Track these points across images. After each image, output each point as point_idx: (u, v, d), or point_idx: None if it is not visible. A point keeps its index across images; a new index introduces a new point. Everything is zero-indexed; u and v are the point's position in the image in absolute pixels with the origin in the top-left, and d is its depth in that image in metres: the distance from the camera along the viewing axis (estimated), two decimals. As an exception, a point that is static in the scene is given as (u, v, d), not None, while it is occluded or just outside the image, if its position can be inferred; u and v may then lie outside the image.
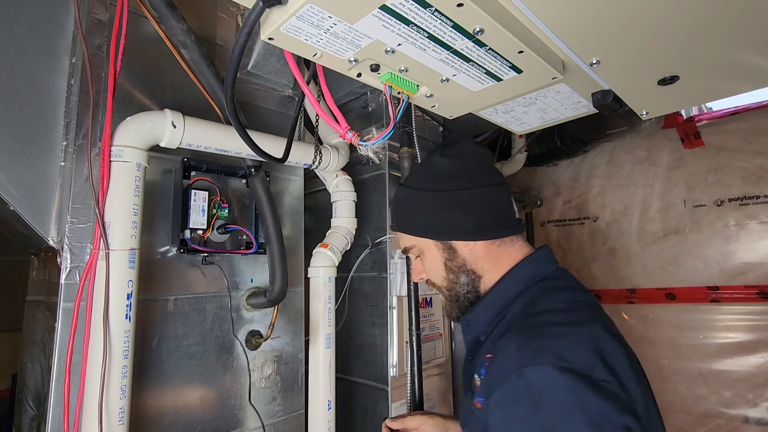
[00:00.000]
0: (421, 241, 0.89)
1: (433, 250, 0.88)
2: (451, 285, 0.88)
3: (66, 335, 0.83)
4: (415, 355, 1.18)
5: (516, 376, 0.65)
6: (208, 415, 1.06)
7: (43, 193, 0.89)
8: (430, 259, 0.89)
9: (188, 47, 0.98)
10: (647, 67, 0.75)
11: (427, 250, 0.89)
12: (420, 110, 1.50)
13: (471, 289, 0.87)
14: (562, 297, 0.80)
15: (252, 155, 1.04)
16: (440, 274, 0.89)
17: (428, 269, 0.91)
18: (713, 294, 1.67)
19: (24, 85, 0.88)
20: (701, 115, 1.76)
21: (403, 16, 0.59)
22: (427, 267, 0.91)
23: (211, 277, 1.10)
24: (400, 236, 0.93)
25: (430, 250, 0.89)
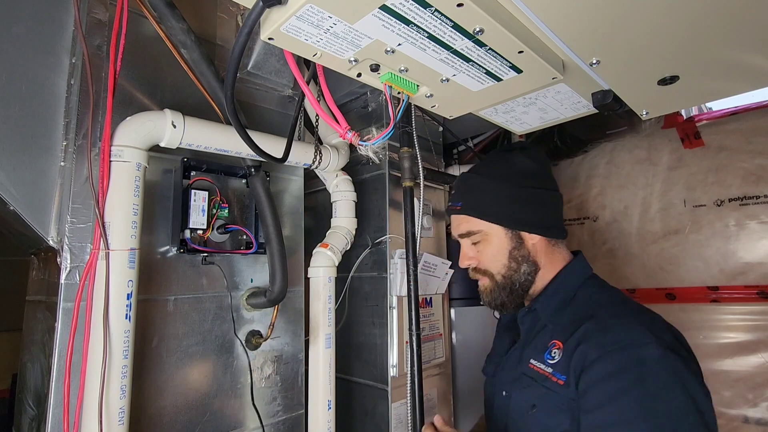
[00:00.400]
0: (490, 227, 0.95)
1: (501, 238, 0.94)
2: (509, 273, 0.94)
3: (66, 335, 0.83)
4: (415, 355, 1.18)
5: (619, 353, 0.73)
6: (208, 415, 1.06)
7: (43, 193, 0.89)
8: (495, 246, 0.94)
9: (188, 47, 0.98)
10: (647, 67, 0.75)
11: (493, 237, 0.95)
12: (420, 110, 1.50)
13: (529, 279, 0.95)
14: (615, 292, 0.92)
15: (252, 155, 1.04)
16: (501, 261, 0.94)
17: (488, 256, 0.96)
18: (713, 294, 1.67)
19: (24, 85, 0.88)
20: (701, 115, 1.76)
21: (403, 16, 0.59)
22: (488, 254, 0.96)
23: (211, 277, 1.10)
24: (464, 219, 0.97)
25: (497, 238, 0.95)
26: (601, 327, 0.80)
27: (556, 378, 0.82)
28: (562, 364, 0.82)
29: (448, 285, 1.58)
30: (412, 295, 1.19)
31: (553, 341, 0.87)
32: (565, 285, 0.94)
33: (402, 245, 1.39)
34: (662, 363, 0.71)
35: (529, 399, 0.86)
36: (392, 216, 1.44)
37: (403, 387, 1.38)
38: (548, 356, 0.86)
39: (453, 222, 1.02)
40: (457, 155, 2.10)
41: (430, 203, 1.62)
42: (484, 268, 0.97)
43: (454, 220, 1.02)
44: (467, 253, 0.99)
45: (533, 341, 0.92)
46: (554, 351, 0.85)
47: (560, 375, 0.81)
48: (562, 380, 0.80)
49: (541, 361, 0.87)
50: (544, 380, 0.84)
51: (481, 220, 0.95)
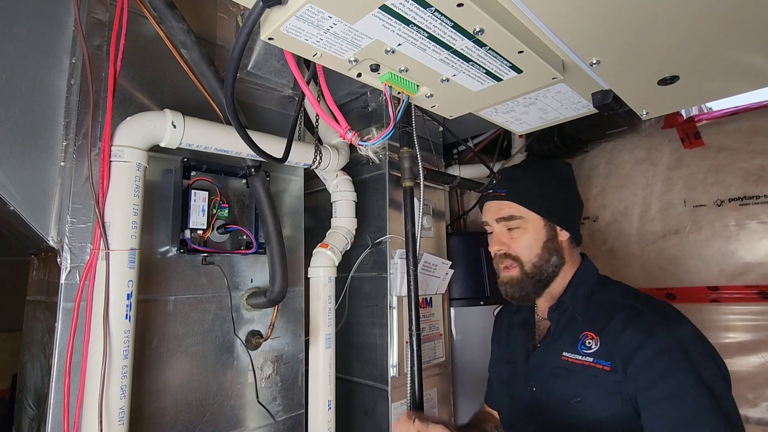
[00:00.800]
0: (530, 216, 1.01)
1: (538, 227, 1.01)
2: (540, 262, 1.00)
3: (66, 335, 0.83)
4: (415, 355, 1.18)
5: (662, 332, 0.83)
6: (208, 415, 1.06)
7: (43, 193, 0.89)
8: (532, 234, 1.00)
9: (188, 47, 0.98)
10: (647, 67, 0.75)
11: (532, 226, 1.01)
12: (420, 110, 1.50)
13: (555, 271, 1.02)
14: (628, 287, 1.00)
15: (252, 155, 1.04)
16: (535, 251, 1.00)
17: (523, 243, 1.01)
18: (713, 294, 1.67)
19: (24, 85, 0.88)
20: (701, 115, 1.75)
21: (403, 16, 0.59)
22: (523, 241, 1.01)
23: (211, 277, 1.10)
24: (507, 205, 1.03)
25: (535, 226, 1.01)
26: (637, 314, 0.88)
27: (600, 365, 0.88)
28: (603, 351, 0.89)
29: (448, 285, 1.58)
30: (412, 295, 1.19)
31: (585, 333, 0.93)
32: (586, 281, 1.01)
33: (402, 245, 1.39)
34: (697, 338, 0.84)
35: (570, 389, 0.91)
36: (392, 216, 1.44)
37: (403, 387, 1.38)
38: (582, 347, 0.92)
39: (491, 207, 1.06)
40: (457, 155, 2.10)
41: (430, 203, 1.62)
42: (516, 254, 1.01)
43: (493, 206, 1.06)
44: (500, 238, 1.04)
45: (562, 335, 0.97)
46: (588, 341, 0.92)
47: (604, 362, 0.88)
48: (608, 366, 0.87)
49: (575, 352, 0.93)
50: (585, 369, 0.90)
51: (524, 207, 1.01)
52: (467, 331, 1.68)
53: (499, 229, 1.04)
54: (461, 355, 1.67)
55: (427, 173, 1.36)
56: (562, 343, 0.97)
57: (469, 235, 1.83)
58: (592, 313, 0.96)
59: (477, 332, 1.68)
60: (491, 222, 1.06)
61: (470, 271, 1.71)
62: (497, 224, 1.04)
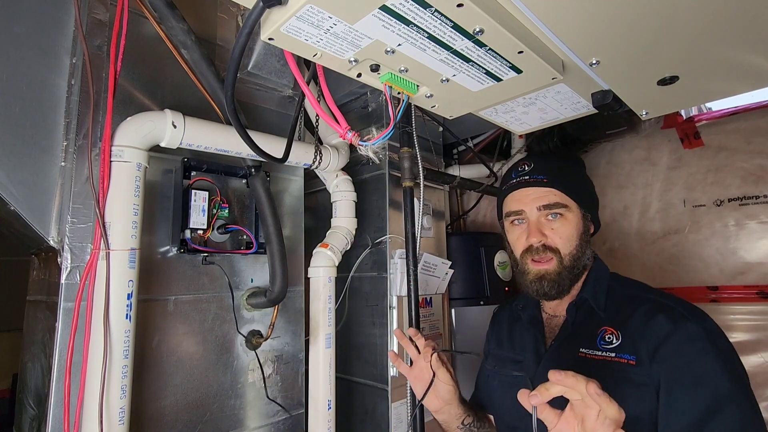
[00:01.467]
0: (572, 205, 0.97)
1: (578, 217, 0.98)
2: (578, 253, 0.97)
3: (66, 335, 0.83)
4: (415, 355, 1.18)
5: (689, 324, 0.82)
6: (209, 415, 1.07)
7: (44, 193, 0.89)
8: (574, 225, 0.97)
9: (188, 47, 0.99)
10: (647, 67, 0.75)
11: (573, 216, 0.97)
12: (420, 110, 1.50)
13: (587, 262, 0.99)
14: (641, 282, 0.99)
15: (252, 155, 1.04)
16: (575, 242, 0.97)
17: (565, 233, 0.97)
18: (713, 294, 1.67)
19: (24, 85, 0.88)
20: (701, 115, 1.76)
21: (403, 17, 0.59)
22: (565, 230, 0.97)
23: (211, 277, 1.10)
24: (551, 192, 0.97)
25: (575, 216, 0.98)
26: (662, 306, 0.87)
27: (624, 359, 0.86)
28: (626, 345, 0.87)
29: (448, 285, 1.59)
30: (412, 295, 1.19)
31: (603, 328, 0.91)
32: (602, 277, 1.00)
33: (402, 245, 1.39)
34: (721, 332, 0.83)
35: None
36: (392, 216, 1.44)
37: (403, 387, 1.38)
38: (602, 342, 0.90)
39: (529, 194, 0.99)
40: (457, 155, 2.11)
41: (430, 203, 1.62)
42: (555, 246, 0.96)
43: (532, 192, 0.98)
44: (541, 228, 0.97)
45: (579, 331, 0.95)
46: (608, 336, 0.90)
47: (628, 356, 0.86)
48: (633, 360, 0.85)
49: (593, 348, 0.90)
50: (606, 365, 0.87)
51: (567, 196, 0.97)
52: (467, 331, 1.68)
53: (537, 218, 0.97)
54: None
55: (427, 173, 1.36)
56: (579, 340, 0.94)
57: (469, 235, 1.83)
58: (610, 309, 0.94)
59: (477, 332, 1.68)
60: (529, 210, 0.98)
61: (470, 271, 1.71)
62: (537, 212, 0.97)
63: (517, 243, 1.01)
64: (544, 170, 0.99)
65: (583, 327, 0.95)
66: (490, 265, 1.73)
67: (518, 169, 1.03)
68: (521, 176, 1.01)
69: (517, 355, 1.07)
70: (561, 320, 1.02)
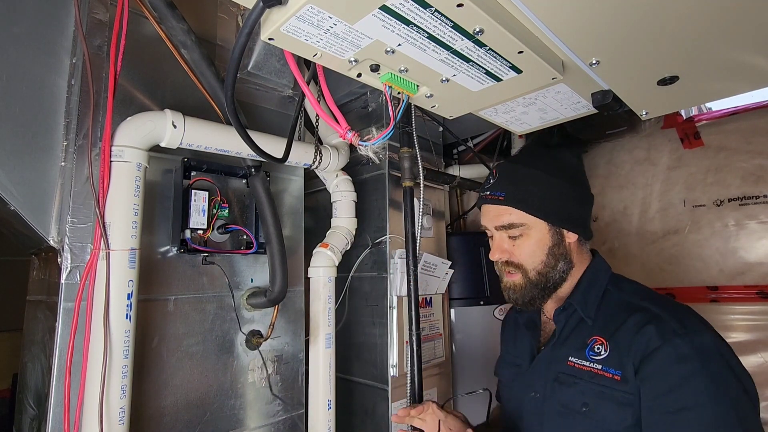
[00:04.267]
0: (533, 222, 0.92)
1: (543, 233, 0.92)
2: (545, 269, 0.92)
3: (66, 335, 0.83)
4: (415, 354, 1.18)
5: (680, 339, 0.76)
6: (209, 415, 1.06)
7: (44, 193, 0.89)
8: (536, 241, 0.92)
9: (188, 47, 0.99)
10: (647, 67, 0.75)
11: (535, 232, 0.92)
12: (420, 110, 1.50)
13: (562, 276, 0.94)
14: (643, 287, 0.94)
15: (252, 155, 1.04)
16: (539, 257, 0.92)
17: (526, 250, 0.93)
18: (713, 294, 1.67)
19: (24, 85, 0.88)
20: (701, 115, 1.76)
21: (403, 17, 0.59)
22: (526, 248, 0.93)
23: (211, 277, 1.10)
24: (506, 211, 0.93)
25: (539, 232, 0.92)
26: (653, 318, 0.81)
27: (610, 374, 0.82)
28: (612, 358, 0.83)
29: (448, 285, 1.59)
30: (412, 295, 1.19)
31: (594, 337, 0.87)
32: (596, 282, 0.94)
33: (402, 245, 1.39)
34: (717, 349, 0.76)
35: (577, 397, 0.85)
36: (392, 216, 1.44)
37: (403, 387, 1.38)
38: (591, 353, 0.86)
39: (489, 212, 0.97)
40: (457, 155, 2.11)
41: (430, 203, 1.62)
42: (519, 262, 0.94)
43: (491, 210, 0.96)
44: (501, 245, 0.95)
45: (569, 339, 0.92)
46: (597, 347, 0.86)
47: (614, 370, 0.82)
48: (618, 375, 0.81)
49: (582, 357, 0.87)
50: (593, 377, 0.84)
51: (526, 213, 0.92)
52: (467, 331, 1.68)
53: (499, 236, 0.96)
54: (461, 355, 1.67)
55: (427, 173, 1.36)
56: (568, 347, 0.91)
57: (469, 235, 1.83)
58: (603, 316, 0.89)
59: (477, 332, 1.68)
60: (490, 228, 0.97)
61: (470, 271, 1.71)
62: (497, 231, 0.96)
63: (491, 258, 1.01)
64: (504, 185, 0.95)
65: (573, 334, 0.92)
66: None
67: (487, 179, 1.00)
68: (485, 190, 0.99)
69: (517, 358, 1.06)
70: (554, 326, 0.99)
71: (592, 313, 0.91)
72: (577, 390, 0.86)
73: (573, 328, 0.93)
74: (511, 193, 0.93)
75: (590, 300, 0.92)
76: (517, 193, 0.93)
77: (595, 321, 0.90)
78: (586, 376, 0.85)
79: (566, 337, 0.93)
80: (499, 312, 1.69)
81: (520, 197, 0.92)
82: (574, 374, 0.87)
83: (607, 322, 0.88)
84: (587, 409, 0.83)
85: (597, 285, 0.94)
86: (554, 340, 0.95)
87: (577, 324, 0.92)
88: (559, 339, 0.94)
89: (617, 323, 0.86)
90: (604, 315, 0.90)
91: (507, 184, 0.95)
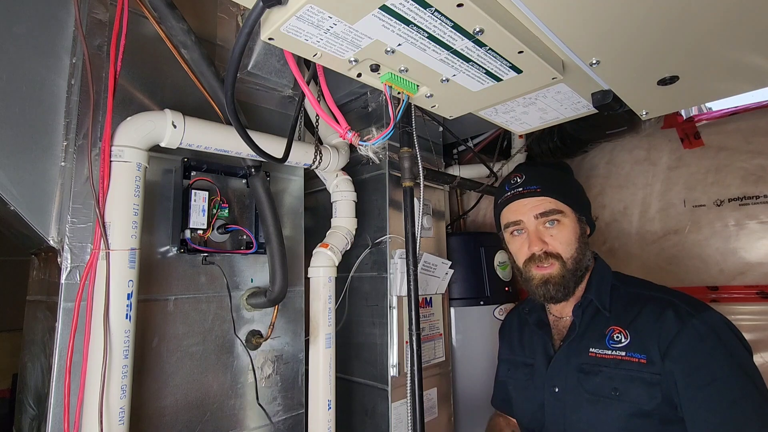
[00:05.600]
0: (567, 210, 1.01)
1: (575, 222, 1.01)
2: (579, 256, 0.99)
3: (66, 335, 0.83)
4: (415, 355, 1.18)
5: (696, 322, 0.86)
6: (208, 415, 1.06)
7: (44, 193, 0.89)
8: (569, 228, 1.00)
9: (188, 47, 0.99)
10: (647, 67, 0.75)
11: (569, 221, 1.00)
12: (420, 110, 1.50)
13: (588, 264, 1.02)
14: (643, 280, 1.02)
15: (252, 155, 1.04)
16: (574, 245, 1.00)
17: (564, 239, 0.99)
18: (713, 294, 1.67)
19: (24, 85, 0.88)
20: (701, 115, 1.75)
21: (403, 17, 0.59)
22: (563, 236, 0.99)
23: (211, 277, 1.10)
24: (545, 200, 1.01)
25: (572, 221, 1.01)
26: (668, 304, 0.90)
27: (636, 359, 0.89)
28: (635, 344, 0.90)
29: (448, 285, 1.58)
30: (412, 295, 1.19)
31: (611, 327, 0.94)
32: (605, 278, 1.02)
33: (402, 245, 1.39)
34: (724, 323, 0.88)
35: (606, 383, 0.90)
36: (392, 216, 1.44)
37: (403, 387, 1.38)
38: (611, 341, 0.93)
39: (525, 205, 1.02)
40: (457, 155, 2.11)
41: (430, 203, 1.62)
42: (557, 251, 0.99)
43: (527, 203, 1.02)
44: (541, 236, 1.00)
45: (587, 332, 0.97)
46: (616, 335, 0.93)
47: (639, 355, 0.89)
48: (644, 359, 0.88)
49: (603, 347, 0.93)
50: (618, 363, 0.90)
51: (561, 202, 1.00)
52: (467, 331, 1.68)
53: (536, 227, 1.01)
54: (461, 355, 1.67)
55: (427, 173, 1.36)
56: (587, 340, 0.96)
57: (469, 235, 1.83)
58: (616, 308, 0.96)
59: (477, 332, 1.68)
60: (527, 219, 1.01)
61: (470, 271, 1.71)
62: (535, 221, 1.00)
63: (519, 253, 1.04)
64: (536, 180, 1.03)
65: (591, 327, 0.97)
66: (490, 265, 1.73)
67: (511, 182, 1.07)
68: (515, 188, 1.05)
69: (528, 358, 1.10)
70: (568, 322, 1.03)
71: (608, 305, 0.97)
72: (605, 376, 0.91)
73: (588, 322, 0.98)
74: (546, 185, 1.02)
75: (603, 294, 0.99)
76: (552, 185, 1.02)
77: (612, 312, 0.96)
78: (611, 363, 0.91)
79: (584, 331, 0.98)
80: (499, 312, 1.69)
81: (555, 188, 1.01)
82: (598, 363, 0.93)
83: (621, 313, 0.95)
84: (618, 393, 0.89)
85: (606, 281, 1.01)
86: (573, 335, 0.99)
87: (592, 317, 0.98)
88: (578, 333, 0.99)
89: (633, 313, 0.93)
90: (617, 307, 0.96)
91: (539, 180, 1.03)
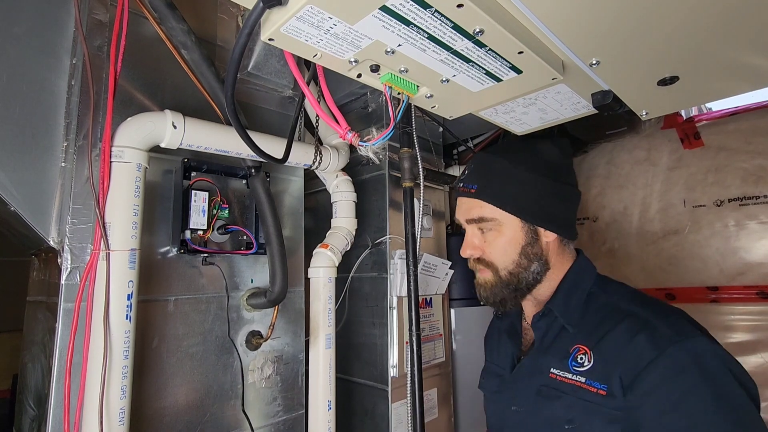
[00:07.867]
0: (505, 218, 0.86)
1: (515, 231, 0.86)
2: (517, 270, 0.86)
3: (66, 336, 0.83)
4: (415, 355, 1.18)
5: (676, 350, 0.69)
6: (209, 416, 1.06)
7: (44, 194, 0.89)
8: (507, 239, 0.86)
9: (189, 48, 0.99)
10: (647, 68, 0.75)
11: (507, 229, 0.86)
12: (420, 111, 1.50)
13: (537, 278, 0.87)
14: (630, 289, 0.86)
15: (252, 156, 1.04)
16: (511, 256, 0.86)
17: (497, 248, 0.87)
18: (713, 294, 1.67)
19: (24, 86, 0.88)
20: (701, 116, 1.76)
21: (403, 17, 0.59)
22: (497, 245, 0.87)
23: (211, 277, 1.10)
24: (477, 204, 0.88)
25: (511, 230, 0.86)
26: (644, 324, 0.74)
27: (594, 388, 0.75)
28: (596, 371, 0.76)
29: (448, 285, 1.58)
30: (412, 296, 1.19)
31: (577, 346, 0.80)
32: (579, 285, 0.87)
33: (402, 245, 1.39)
34: (713, 352, 0.70)
35: (560, 413, 0.78)
36: (392, 216, 1.44)
37: (403, 387, 1.38)
38: (573, 363, 0.79)
39: (462, 205, 0.92)
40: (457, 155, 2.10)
41: (430, 203, 1.62)
42: (489, 260, 0.89)
43: (463, 203, 0.92)
44: (472, 241, 0.90)
45: (550, 348, 0.85)
46: (580, 357, 0.79)
47: (599, 384, 0.75)
48: (603, 390, 0.74)
49: (565, 369, 0.80)
50: (577, 391, 0.77)
51: (498, 208, 0.86)
52: (467, 331, 1.68)
53: (470, 231, 0.91)
54: (461, 355, 1.67)
55: (427, 173, 1.36)
56: (551, 357, 0.84)
57: (469, 236, 1.83)
58: (587, 322, 0.82)
59: (477, 332, 1.68)
60: (462, 221, 0.93)
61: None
62: (468, 225, 0.91)
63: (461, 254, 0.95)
64: (475, 177, 0.90)
65: (555, 343, 0.85)
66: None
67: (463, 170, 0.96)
68: (459, 181, 0.94)
69: (500, 368, 1.00)
70: None
71: (574, 319, 0.84)
72: (561, 404, 0.79)
73: (555, 335, 0.85)
74: (482, 186, 0.88)
75: (572, 305, 0.85)
76: (490, 187, 0.88)
77: (579, 328, 0.83)
78: (570, 389, 0.78)
79: (548, 346, 0.86)
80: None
81: (492, 191, 0.87)
82: (557, 387, 0.80)
83: (592, 329, 0.81)
84: (572, 427, 0.77)
85: (580, 288, 0.87)
86: (534, 349, 0.88)
87: (559, 331, 0.85)
88: (541, 347, 0.87)
89: (603, 331, 0.78)
90: (589, 321, 0.82)
91: (480, 177, 0.90)
